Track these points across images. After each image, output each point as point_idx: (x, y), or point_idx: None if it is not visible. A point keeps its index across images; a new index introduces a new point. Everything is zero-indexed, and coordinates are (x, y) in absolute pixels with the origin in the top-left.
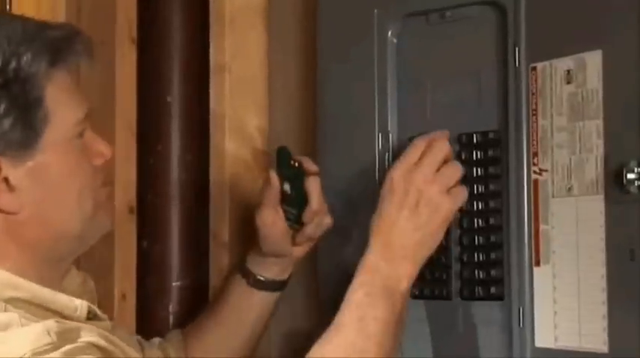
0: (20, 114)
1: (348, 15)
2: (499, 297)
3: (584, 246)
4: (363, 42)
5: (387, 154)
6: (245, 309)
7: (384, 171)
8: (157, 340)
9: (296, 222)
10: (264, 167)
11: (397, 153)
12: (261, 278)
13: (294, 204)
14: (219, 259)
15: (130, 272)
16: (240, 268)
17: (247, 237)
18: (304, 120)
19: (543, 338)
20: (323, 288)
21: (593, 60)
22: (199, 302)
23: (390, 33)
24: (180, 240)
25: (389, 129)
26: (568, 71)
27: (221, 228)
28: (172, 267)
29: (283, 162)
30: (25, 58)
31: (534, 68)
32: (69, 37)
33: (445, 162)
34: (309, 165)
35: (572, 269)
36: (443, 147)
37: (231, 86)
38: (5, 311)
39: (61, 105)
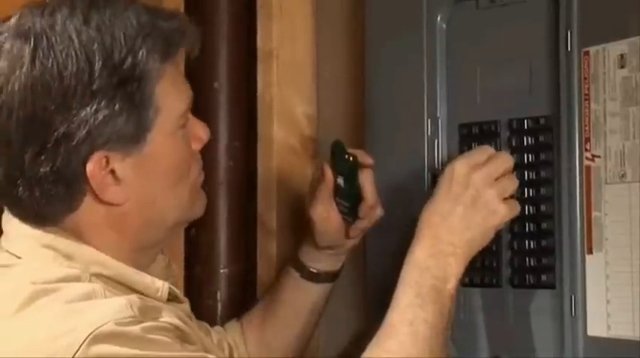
0: (133, 111)
1: (397, 0)
2: (550, 285)
3: (637, 233)
4: (412, 27)
5: (436, 140)
6: (299, 302)
7: (433, 157)
8: (219, 329)
9: (349, 215)
10: (312, 154)
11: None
12: (314, 271)
13: (348, 197)
14: (267, 246)
15: (177, 259)
16: (292, 261)
17: (295, 224)
18: (352, 107)
19: (596, 327)
20: (370, 278)
21: None
22: (247, 290)
23: (439, 18)
24: (228, 228)
25: (438, 115)
26: (622, 55)
27: (268, 216)
28: (220, 254)
29: (338, 156)
30: (140, 55)
31: (587, 52)
32: (181, 29)
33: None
34: (364, 159)
35: (626, 257)
36: (508, 159)
37: (278, 72)
38: (90, 282)
39: (169, 98)
